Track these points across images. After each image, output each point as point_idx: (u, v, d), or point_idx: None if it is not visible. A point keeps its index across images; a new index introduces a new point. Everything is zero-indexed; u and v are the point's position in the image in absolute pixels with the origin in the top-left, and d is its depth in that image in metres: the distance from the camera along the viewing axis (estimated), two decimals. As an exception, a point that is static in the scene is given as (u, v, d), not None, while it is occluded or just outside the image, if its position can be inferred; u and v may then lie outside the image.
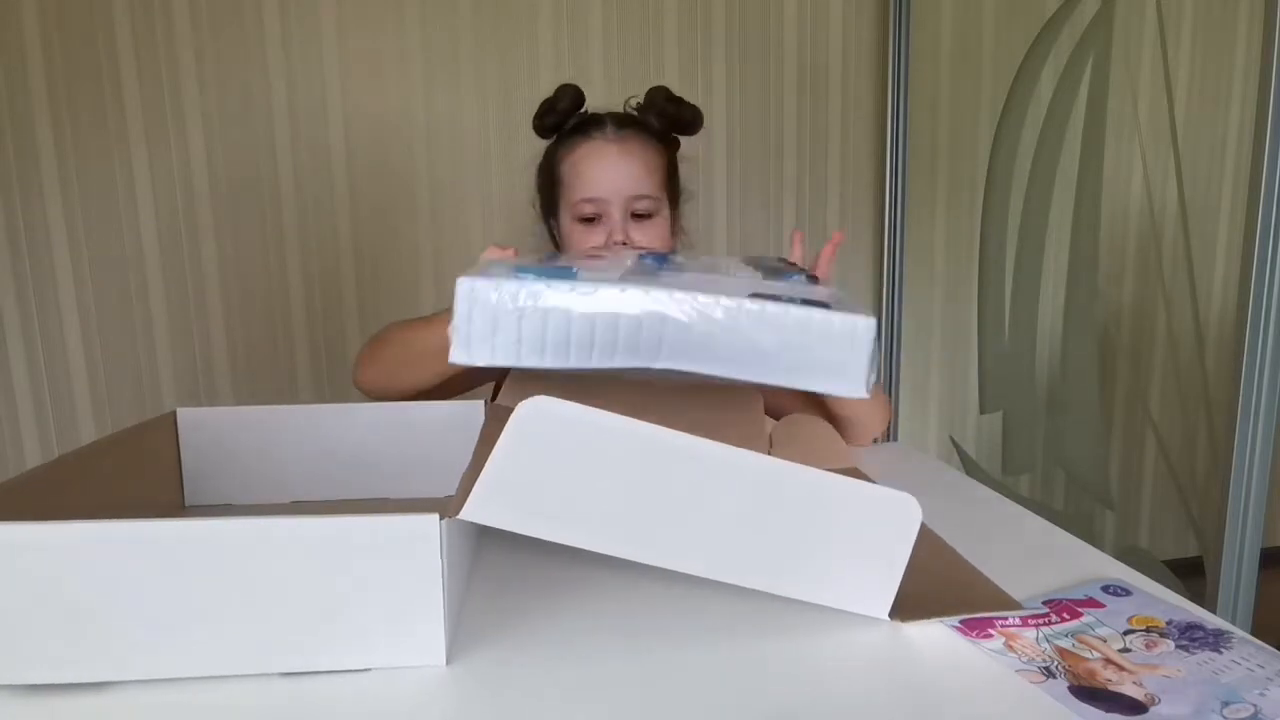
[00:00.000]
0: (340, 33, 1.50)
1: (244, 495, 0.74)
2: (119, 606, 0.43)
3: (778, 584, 0.48)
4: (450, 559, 0.46)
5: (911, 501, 0.47)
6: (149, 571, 0.43)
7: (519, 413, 0.43)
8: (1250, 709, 0.41)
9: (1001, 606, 0.51)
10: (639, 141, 0.93)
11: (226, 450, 0.74)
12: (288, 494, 0.74)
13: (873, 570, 0.48)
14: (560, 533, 0.45)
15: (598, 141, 0.92)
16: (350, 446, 0.74)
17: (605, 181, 0.91)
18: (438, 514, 0.43)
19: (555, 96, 0.95)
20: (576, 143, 0.94)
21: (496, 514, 0.44)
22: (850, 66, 1.70)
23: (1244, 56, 1.83)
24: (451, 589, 0.47)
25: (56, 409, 1.50)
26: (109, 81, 1.44)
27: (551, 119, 0.95)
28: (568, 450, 0.44)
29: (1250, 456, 0.87)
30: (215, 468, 0.74)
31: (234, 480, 0.74)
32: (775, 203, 1.71)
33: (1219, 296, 1.88)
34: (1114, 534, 1.83)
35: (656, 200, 0.93)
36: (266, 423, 0.74)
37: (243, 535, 0.43)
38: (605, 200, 0.91)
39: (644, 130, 0.95)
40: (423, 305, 1.60)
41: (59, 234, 1.46)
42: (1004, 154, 1.60)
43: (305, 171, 1.53)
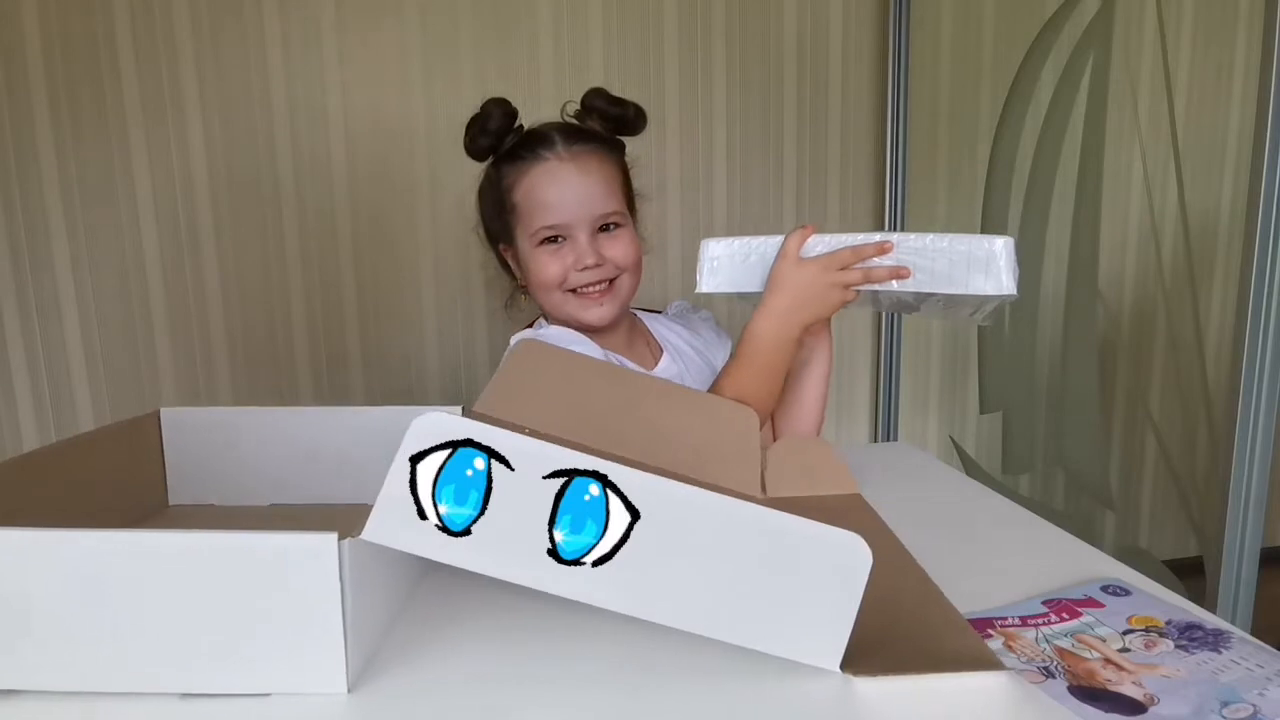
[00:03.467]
0: (340, 33, 1.50)
1: (226, 496, 0.74)
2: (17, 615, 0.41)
3: (715, 628, 0.43)
4: (360, 580, 0.43)
5: (860, 544, 0.42)
6: (49, 581, 0.41)
7: (413, 428, 0.41)
8: (1250, 709, 0.41)
9: (974, 665, 0.44)
10: (594, 156, 0.88)
11: (210, 450, 0.74)
12: (269, 496, 0.74)
13: (819, 617, 0.43)
14: (468, 560, 0.42)
15: (551, 163, 0.87)
16: (334, 449, 0.73)
17: (567, 206, 0.87)
18: (336, 533, 0.41)
19: (484, 115, 0.89)
20: (528, 165, 0.88)
21: (400, 536, 0.42)
22: (850, 66, 1.70)
23: (1244, 56, 1.83)
24: (362, 612, 0.44)
25: (56, 409, 1.50)
26: (109, 81, 1.44)
27: (485, 140, 0.89)
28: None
29: (1250, 456, 0.87)
30: (199, 467, 0.74)
31: (217, 480, 0.74)
32: (775, 202, 1.71)
33: (1219, 296, 1.88)
34: (1114, 534, 1.83)
35: (622, 213, 0.90)
36: (250, 424, 0.74)
37: (138, 548, 0.41)
38: (569, 224, 0.87)
39: (593, 141, 0.89)
40: (423, 305, 1.60)
41: (59, 234, 1.46)
42: (1004, 154, 1.60)
43: (305, 171, 1.53)
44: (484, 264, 1.02)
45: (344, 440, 0.73)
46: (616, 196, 0.90)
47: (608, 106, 0.90)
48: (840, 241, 0.76)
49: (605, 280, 0.90)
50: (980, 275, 0.71)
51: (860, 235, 0.76)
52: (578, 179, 0.87)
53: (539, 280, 0.90)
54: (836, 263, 0.75)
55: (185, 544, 0.41)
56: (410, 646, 0.48)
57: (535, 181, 0.88)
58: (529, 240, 0.90)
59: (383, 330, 1.60)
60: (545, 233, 0.88)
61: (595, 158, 0.88)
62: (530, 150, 0.88)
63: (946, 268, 0.72)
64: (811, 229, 0.78)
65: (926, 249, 0.73)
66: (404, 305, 1.60)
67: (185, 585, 0.41)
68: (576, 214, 0.87)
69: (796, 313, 0.78)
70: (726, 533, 0.42)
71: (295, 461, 0.73)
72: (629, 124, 0.91)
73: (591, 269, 0.88)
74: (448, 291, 1.61)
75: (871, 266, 0.75)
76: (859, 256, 0.75)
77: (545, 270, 0.89)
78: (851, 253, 0.75)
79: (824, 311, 0.78)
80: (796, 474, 0.72)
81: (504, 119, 0.89)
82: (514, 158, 0.90)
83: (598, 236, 0.89)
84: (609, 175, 0.89)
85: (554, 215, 0.87)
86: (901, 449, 0.94)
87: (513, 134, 0.90)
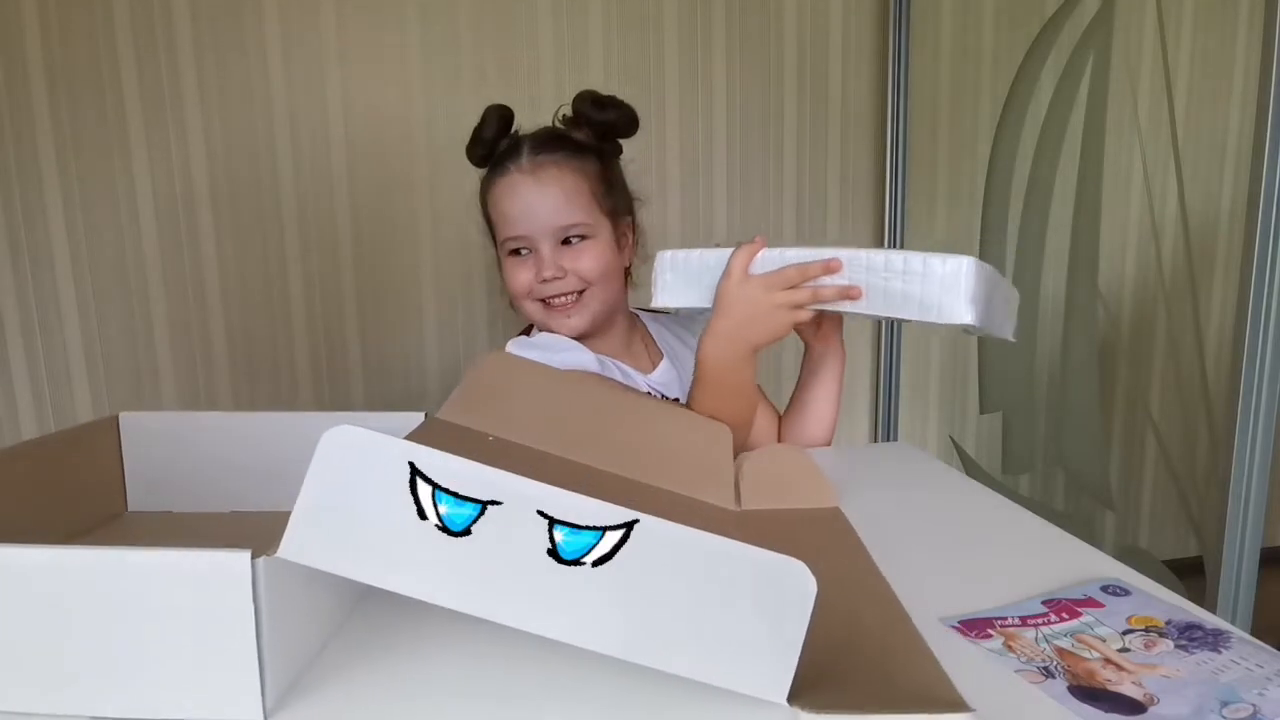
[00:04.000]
0: (340, 32, 1.50)
1: (186, 503, 0.72)
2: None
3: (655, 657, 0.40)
4: (282, 599, 0.41)
5: (802, 570, 0.39)
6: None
7: (323, 442, 0.39)
8: (1249, 709, 0.41)
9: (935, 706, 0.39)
10: (559, 166, 0.87)
11: (170, 456, 0.72)
12: (230, 503, 0.71)
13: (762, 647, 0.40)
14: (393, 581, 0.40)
15: (513, 175, 0.87)
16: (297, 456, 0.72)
17: (524, 219, 0.87)
18: (250, 551, 0.39)
19: (482, 123, 0.90)
20: (497, 177, 0.89)
21: (318, 555, 0.40)
22: (850, 66, 1.70)
23: (1244, 57, 1.83)
24: (283, 633, 0.42)
25: (57, 409, 1.50)
26: (109, 81, 1.44)
27: (480, 149, 0.90)
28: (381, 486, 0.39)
29: (1250, 456, 0.87)
30: (159, 473, 0.72)
31: (177, 487, 0.72)
32: (775, 201, 1.72)
33: (1219, 296, 1.88)
34: (1114, 534, 1.83)
35: (588, 224, 0.88)
36: (211, 429, 0.72)
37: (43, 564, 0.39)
38: (530, 236, 0.87)
39: (565, 149, 0.88)
40: (424, 304, 1.60)
41: (59, 234, 1.46)
42: (1004, 154, 1.60)
43: (305, 171, 1.53)
44: (486, 260, 1.03)
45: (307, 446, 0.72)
46: (582, 207, 0.88)
47: (591, 111, 0.89)
48: (790, 257, 0.72)
49: (572, 292, 0.89)
50: (936, 301, 0.65)
51: (813, 250, 0.70)
52: (536, 191, 0.87)
53: (510, 289, 0.91)
54: (781, 282, 0.71)
55: (91, 561, 0.39)
56: (343, 669, 0.46)
57: (499, 194, 0.89)
58: (501, 249, 0.91)
59: (382, 330, 1.60)
60: (511, 244, 0.89)
61: (559, 168, 0.87)
62: (500, 163, 0.89)
63: (900, 289, 0.66)
64: (761, 242, 0.74)
65: (880, 267, 0.67)
66: (404, 304, 1.60)
67: (92, 604, 0.39)
68: (535, 226, 0.87)
69: (741, 332, 0.75)
70: (664, 557, 0.39)
71: (257, 468, 0.70)
72: (614, 128, 0.91)
73: (552, 281, 0.88)
74: (448, 291, 1.61)
75: (819, 286, 0.71)
76: (804, 276, 0.71)
77: (514, 280, 0.90)
78: (797, 271, 0.71)
79: (775, 332, 0.74)
80: (773, 486, 0.68)
81: (499, 126, 0.90)
82: (493, 167, 0.91)
83: (561, 249, 0.88)
84: (574, 186, 0.87)
85: (515, 227, 0.88)
86: (901, 449, 0.94)
87: (506, 140, 0.91)
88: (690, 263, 0.76)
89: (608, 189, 0.91)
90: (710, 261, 0.75)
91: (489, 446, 0.64)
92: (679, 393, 0.96)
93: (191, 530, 0.68)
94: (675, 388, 0.97)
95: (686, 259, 0.76)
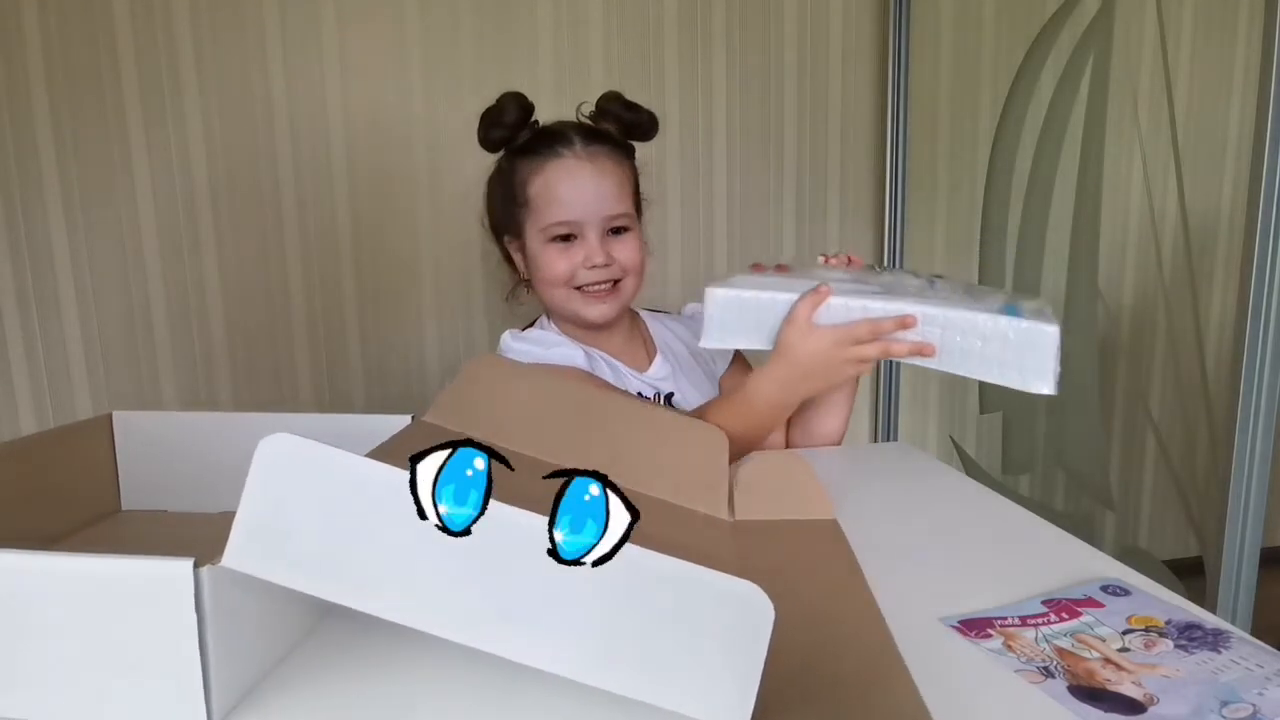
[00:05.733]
0: (340, 32, 1.50)
1: (179, 502, 0.72)
2: None
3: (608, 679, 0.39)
4: (229, 610, 0.40)
5: (759, 597, 0.38)
6: None
7: (261, 450, 0.38)
8: (1249, 708, 0.41)
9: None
10: (610, 158, 0.89)
11: (163, 455, 0.72)
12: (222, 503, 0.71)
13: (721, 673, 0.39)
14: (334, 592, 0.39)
15: (569, 160, 0.88)
16: None
17: (581, 204, 0.87)
18: (193, 560, 0.38)
19: (500, 108, 0.90)
20: (544, 161, 0.89)
21: (260, 565, 0.38)
22: (850, 66, 1.70)
23: (1244, 57, 1.83)
24: (233, 644, 0.41)
25: (56, 408, 1.50)
26: (109, 81, 1.44)
27: (499, 132, 0.90)
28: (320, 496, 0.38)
29: (1250, 456, 0.87)
30: (152, 472, 0.72)
31: (170, 486, 0.72)
32: (775, 202, 1.71)
33: (1219, 296, 1.88)
34: (1114, 534, 1.83)
35: (630, 216, 0.91)
36: (205, 429, 0.72)
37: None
38: (581, 222, 0.88)
39: (608, 143, 0.90)
40: (423, 304, 1.60)
41: (59, 234, 1.46)
42: (1004, 154, 1.60)
43: (305, 171, 1.53)
44: (485, 256, 1.03)
45: None
46: (627, 199, 0.91)
47: (623, 111, 0.91)
48: (858, 310, 0.68)
49: (611, 280, 0.90)
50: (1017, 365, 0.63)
51: (884, 301, 0.67)
52: (593, 179, 0.88)
53: (547, 276, 0.91)
54: (852, 338, 0.69)
55: (26, 566, 0.38)
56: (300, 684, 0.44)
57: (551, 178, 0.88)
58: (539, 235, 0.90)
59: (382, 328, 1.60)
60: (557, 229, 0.89)
61: (610, 159, 0.90)
62: (548, 146, 0.89)
63: (979, 350, 0.64)
64: (827, 292, 0.70)
65: (957, 326, 0.64)
66: (405, 305, 1.60)
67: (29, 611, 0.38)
68: (589, 213, 0.88)
69: (801, 383, 0.74)
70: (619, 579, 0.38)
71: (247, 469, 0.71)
72: (642, 129, 0.93)
73: (599, 268, 0.89)
74: (448, 291, 1.61)
75: (891, 341, 0.69)
76: (877, 332, 0.69)
77: (554, 266, 0.89)
78: (869, 328, 0.69)
79: (832, 383, 0.73)
80: (768, 496, 0.66)
81: (519, 112, 0.91)
82: (529, 152, 0.90)
83: (607, 237, 0.90)
84: (622, 178, 0.90)
85: (567, 212, 0.88)
86: (901, 449, 0.94)
87: (527, 128, 0.91)
88: (745, 304, 0.71)
89: (637, 186, 0.94)
90: (765, 303, 0.71)
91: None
92: (673, 388, 0.97)
93: (183, 530, 0.68)
94: (670, 384, 0.97)
95: (741, 300, 0.71)
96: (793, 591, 0.52)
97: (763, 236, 1.72)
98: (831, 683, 0.43)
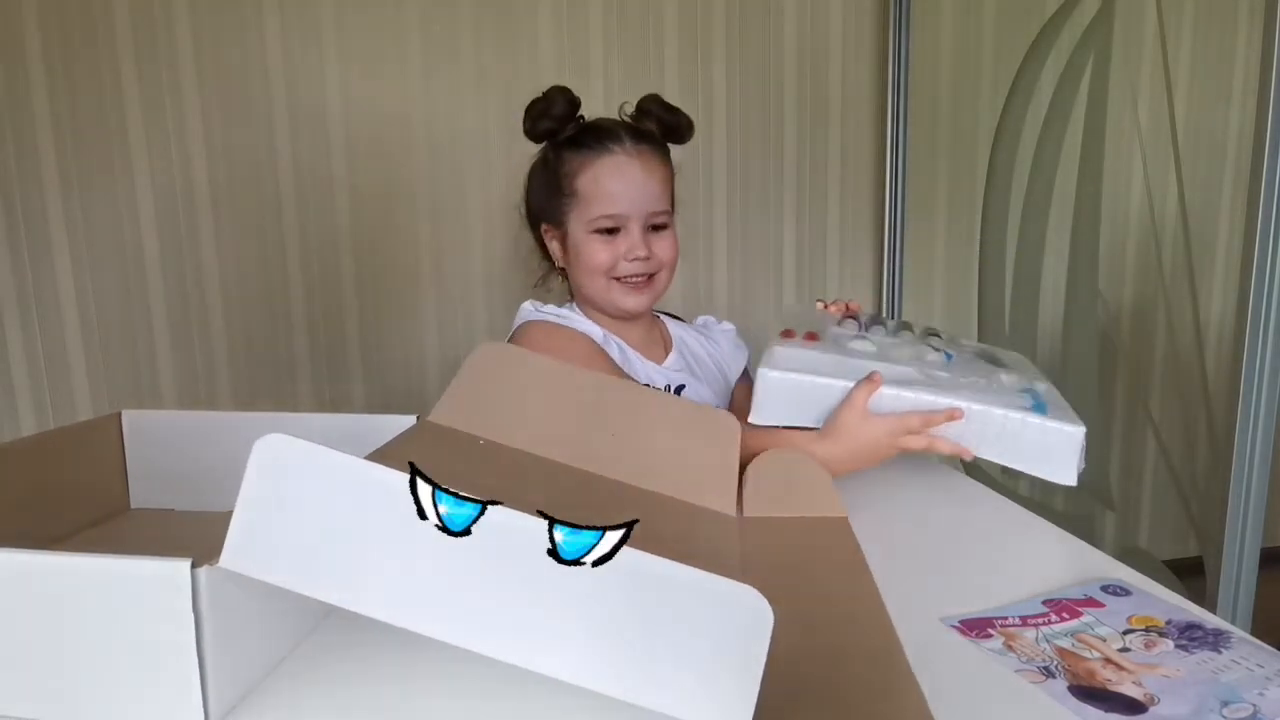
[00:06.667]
0: (340, 32, 1.50)
1: (187, 501, 0.73)
2: None
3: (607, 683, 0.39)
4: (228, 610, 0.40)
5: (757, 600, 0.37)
6: None
7: (257, 451, 0.38)
8: (1249, 709, 0.41)
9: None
10: (655, 156, 0.93)
11: (172, 454, 0.72)
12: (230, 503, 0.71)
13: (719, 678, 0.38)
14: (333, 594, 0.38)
15: (619, 156, 0.92)
16: None
17: (628, 198, 0.91)
18: (190, 560, 0.38)
19: (548, 100, 0.93)
20: (595, 155, 0.92)
21: (257, 566, 0.38)
22: (850, 67, 1.70)
23: (1244, 57, 1.83)
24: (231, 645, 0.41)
25: (56, 408, 1.50)
26: (109, 81, 1.44)
27: (546, 124, 0.94)
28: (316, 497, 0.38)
29: (1250, 456, 0.87)
30: (160, 471, 0.73)
31: (178, 485, 0.72)
32: (775, 203, 1.71)
33: (1219, 296, 1.88)
34: (1114, 534, 1.83)
35: (669, 213, 0.95)
36: (214, 428, 0.73)
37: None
38: (627, 216, 0.91)
39: (655, 141, 0.94)
40: (424, 305, 1.60)
41: (59, 234, 1.46)
42: (1004, 154, 1.60)
43: (305, 171, 1.53)
44: (518, 240, 1.04)
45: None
46: (668, 197, 0.95)
47: (664, 113, 0.94)
48: (908, 401, 0.74)
49: (648, 274, 0.94)
50: (1047, 459, 0.70)
51: (931, 394, 0.73)
52: (641, 175, 0.92)
53: (588, 264, 0.94)
54: (904, 428, 0.73)
55: (25, 566, 0.38)
56: (299, 685, 0.44)
57: (601, 171, 0.92)
58: (584, 226, 0.93)
59: (383, 328, 1.60)
60: (603, 221, 0.92)
61: (656, 158, 0.94)
62: (598, 141, 0.93)
63: (1013, 445, 0.71)
64: (879, 380, 0.75)
65: (996, 422, 0.71)
66: (405, 305, 1.60)
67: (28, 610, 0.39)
68: (634, 208, 0.92)
69: (849, 463, 0.77)
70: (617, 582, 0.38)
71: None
72: (680, 131, 0.96)
73: (640, 261, 0.92)
74: (448, 291, 1.61)
75: (936, 436, 0.73)
76: (928, 424, 0.73)
77: (596, 256, 0.93)
78: (921, 420, 0.73)
79: (873, 464, 0.76)
80: (778, 492, 0.67)
81: (567, 106, 0.93)
82: (578, 145, 0.93)
83: (648, 233, 0.93)
84: (665, 176, 0.94)
85: (615, 205, 0.91)
86: (901, 449, 0.94)
87: (574, 122, 0.94)
88: (801, 388, 0.76)
89: (673, 186, 0.98)
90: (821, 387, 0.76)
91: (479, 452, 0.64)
92: (686, 382, 1.00)
93: (190, 529, 0.68)
94: (684, 377, 1.00)
95: (797, 384, 0.76)
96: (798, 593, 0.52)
97: (763, 237, 1.72)
98: (836, 690, 0.43)
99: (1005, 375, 0.78)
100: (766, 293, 1.74)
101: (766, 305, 1.73)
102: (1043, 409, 0.72)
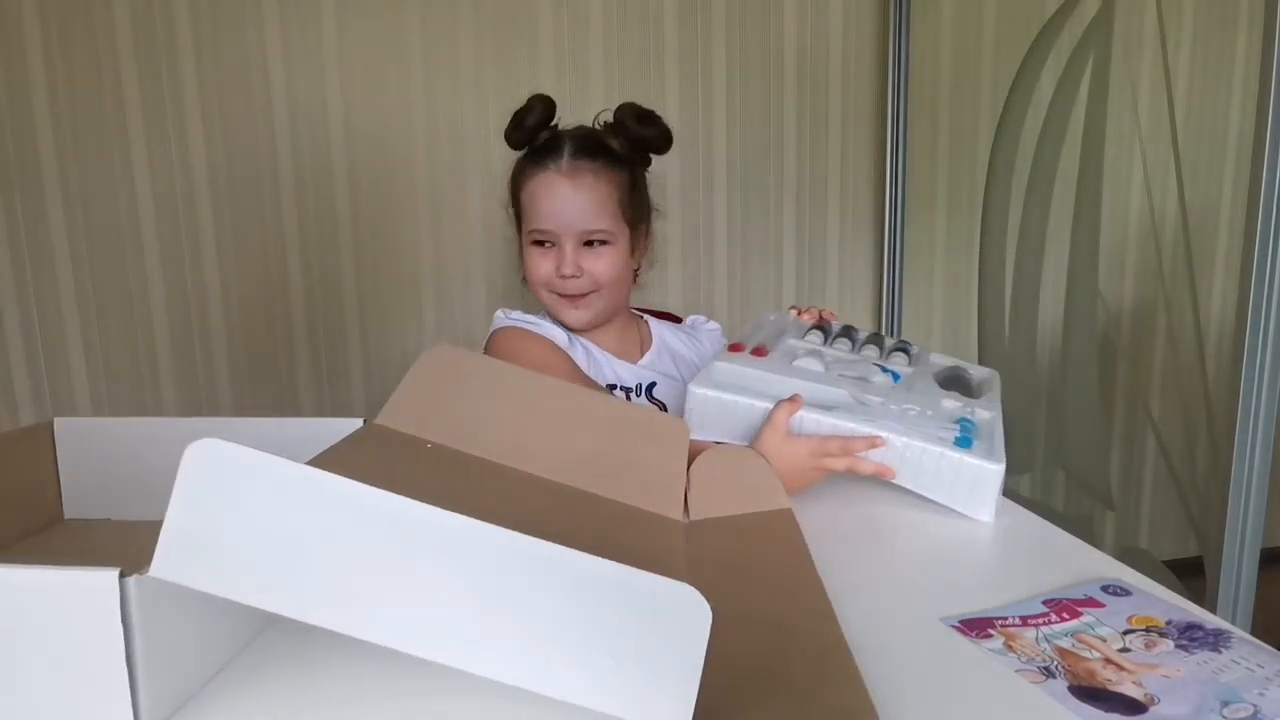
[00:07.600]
0: (340, 33, 1.50)
1: (123, 510, 0.70)
2: None
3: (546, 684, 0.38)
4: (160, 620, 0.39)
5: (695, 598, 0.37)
6: None
7: (188, 456, 0.37)
8: (1250, 709, 0.41)
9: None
10: (593, 173, 0.91)
11: (106, 463, 0.70)
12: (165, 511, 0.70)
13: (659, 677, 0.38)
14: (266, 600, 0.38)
15: (550, 174, 0.91)
16: None
17: (554, 216, 0.92)
18: (119, 569, 0.37)
19: (525, 110, 0.93)
20: (533, 170, 0.93)
21: (189, 574, 0.37)
22: (850, 67, 1.70)
23: (1244, 57, 1.83)
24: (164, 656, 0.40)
25: (57, 408, 1.49)
26: (109, 81, 1.44)
27: (518, 135, 0.94)
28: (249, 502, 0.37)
29: (1250, 456, 0.87)
30: (95, 480, 0.70)
31: (113, 494, 0.70)
32: (775, 203, 1.72)
33: (1219, 296, 1.88)
34: (1114, 534, 1.83)
35: (610, 231, 0.93)
36: (149, 435, 0.71)
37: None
38: (556, 233, 0.92)
39: (601, 156, 0.93)
40: (424, 305, 1.60)
41: (59, 234, 1.46)
42: (1004, 154, 1.60)
43: (305, 171, 1.53)
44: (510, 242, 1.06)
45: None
46: (605, 213, 0.93)
47: (633, 124, 0.93)
48: (828, 424, 0.74)
49: (582, 292, 0.94)
50: (964, 494, 0.70)
51: (851, 420, 0.73)
52: (569, 193, 0.91)
53: (530, 275, 0.96)
54: (824, 450, 0.73)
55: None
56: (238, 695, 0.43)
57: (535, 188, 0.93)
58: (526, 236, 0.95)
59: (382, 328, 1.60)
60: (536, 235, 0.94)
61: (595, 176, 0.92)
62: (539, 157, 0.93)
63: (931, 476, 0.71)
64: (800, 403, 0.75)
65: (915, 450, 0.71)
66: (405, 305, 1.60)
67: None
68: (562, 225, 0.92)
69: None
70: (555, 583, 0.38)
71: None
72: (650, 144, 0.95)
73: (570, 279, 0.93)
74: (448, 290, 1.61)
75: (858, 459, 0.73)
76: (848, 450, 0.73)
77: (535, 268, 0.95)
78: (841, 445, 0.73)
79: (797, 489, 0.76)
80: (723, 491, 0.68)
81: (541, 116, 0.93)
82: (528, 157, 0.94)
83: (582, 249, 0.93)
84: (604, 195, 0.92)
85: (545, 221, 0.92)
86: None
87: (547, 131, 0.94)
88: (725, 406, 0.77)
89: (632, 199, 0.96)
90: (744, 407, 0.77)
91: (425, 455, 0.63)
92: (658, 379, 1.01)
93: (125, 538, 0.66)
94: (655, 377, 1.01)
95: (721, 401, 0.77)
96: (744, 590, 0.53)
97: (762, 237, 1.72)
98: (781, 683, 0.43)
99: (948, 402, 0.78)
100: (766, 293, 1.74)
101: (766, 305, 1.73)
102: (968, 443, 0.71)
